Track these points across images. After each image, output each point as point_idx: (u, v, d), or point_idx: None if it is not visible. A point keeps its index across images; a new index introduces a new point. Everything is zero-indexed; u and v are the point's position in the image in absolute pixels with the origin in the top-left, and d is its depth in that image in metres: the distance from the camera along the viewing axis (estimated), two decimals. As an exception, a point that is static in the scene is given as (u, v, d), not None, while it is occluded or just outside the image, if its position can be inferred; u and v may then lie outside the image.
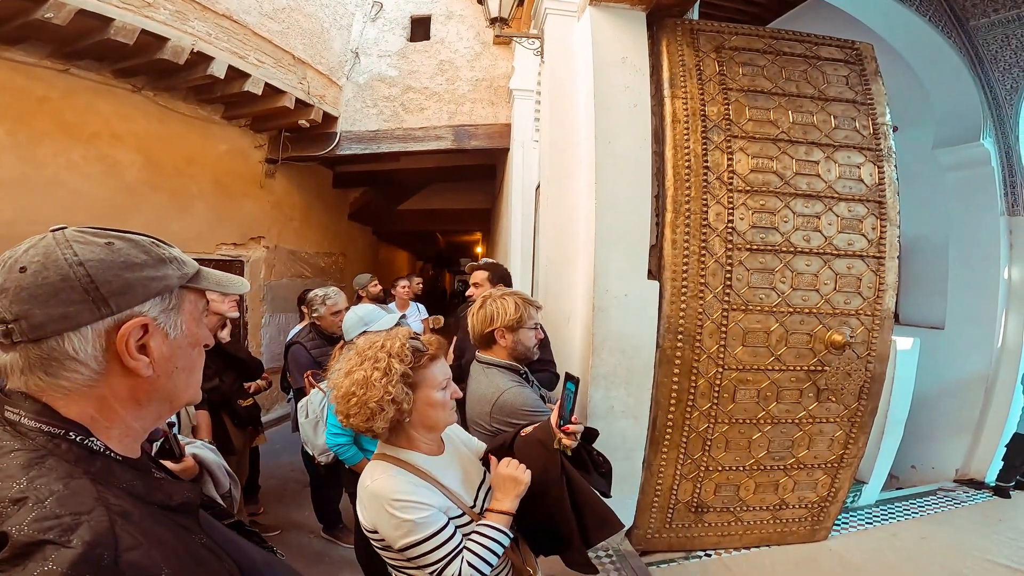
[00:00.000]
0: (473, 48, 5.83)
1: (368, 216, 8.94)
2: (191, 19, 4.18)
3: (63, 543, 0.47)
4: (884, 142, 2.85)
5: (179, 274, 0.65)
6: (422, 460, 1.23)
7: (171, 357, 0.64)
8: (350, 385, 1.17)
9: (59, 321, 0.56)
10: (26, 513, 0.48)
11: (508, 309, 1.76)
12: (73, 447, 0.56)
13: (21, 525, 0.47)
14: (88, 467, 0.56)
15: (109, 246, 0.60)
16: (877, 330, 2.76)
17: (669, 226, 2.61)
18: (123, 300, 0.59)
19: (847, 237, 2.74)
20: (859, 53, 2.95)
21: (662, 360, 2.63)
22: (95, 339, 0.58)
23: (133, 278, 0.60)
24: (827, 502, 2.98)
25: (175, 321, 0.64)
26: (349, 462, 2.25)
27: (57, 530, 0.48)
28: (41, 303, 0.55)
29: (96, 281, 0.57)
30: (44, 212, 4.02)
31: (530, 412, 1.68)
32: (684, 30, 2.80)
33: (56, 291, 0.55)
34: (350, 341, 2.38)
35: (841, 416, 2.82)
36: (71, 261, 0.56)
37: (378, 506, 1.12)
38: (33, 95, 3.99)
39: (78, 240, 0.59)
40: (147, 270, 0.61)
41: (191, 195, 5.12)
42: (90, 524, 0.49)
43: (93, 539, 0.48)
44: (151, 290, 0.62)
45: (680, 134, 2.69)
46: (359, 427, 1.17)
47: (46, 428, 0.56)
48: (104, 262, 0.58)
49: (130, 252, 0.61)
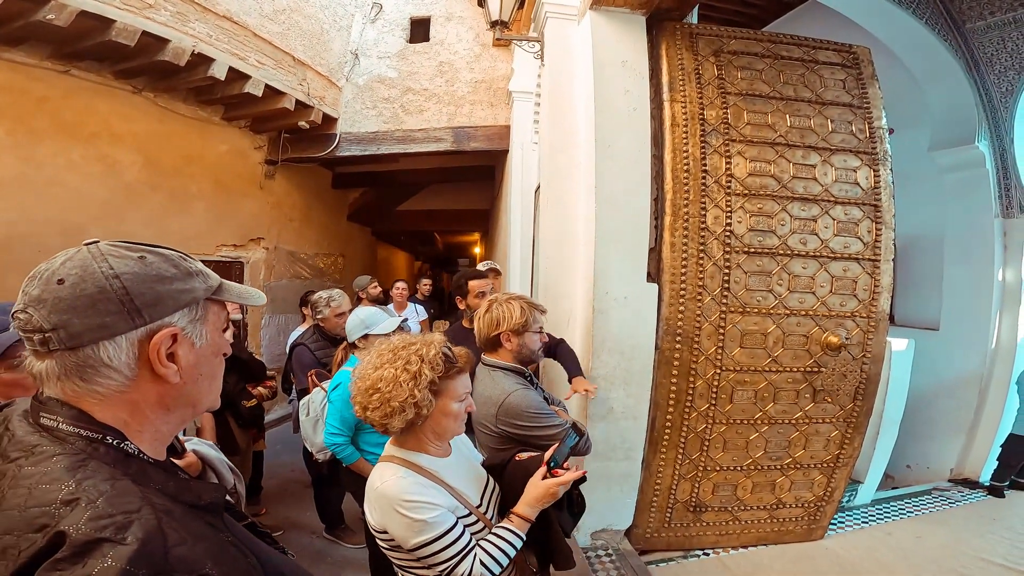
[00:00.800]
0: (473, 50, 5.84)
1: (367, 217, 8.94)
2: (192, 20, 4.19)
3: (119, 540, 0.49)
4: (880, 146, 2.88)
5: (204, 287, 0.69)
6: (430, 462, 1.25)
7: (196, 364, 0.68)
8: (377, 380, 1.19)
9: (96, 331, 0.59)
10: (80, 513, 0.51)
11: (514, 313, 1.78)
12: (111, 450, 0.59)
13: (77, 524, 0.50)
14: (126, 469, 0.58)
15: (142, 260, 0.63)
16: (872, 332, 2.79)
17: (668, 229, 2.64)
18: (155, 311, 0.62)
19: (843, 240, 2.77)
20: (856, 57, 2.97)
21: (661, 361, 2.66)
22: (129, 348, 0.61)
23: (164, 291, 0.63)
24: (823, 501, 3.01)
25: (201, 331, 0.68)
26: (346, 461, 2.25)
27: (112, 528, 0.50)
28: (79, 313, 0.58)
29: (131, 293, 0.60)
30: (43, 211, 4.03)
31: (535, 414, 1.71)
32: (683, 34, 2.82)
33: (94, 302, 0.58)
34: (352, 343, 2.40)
35: (837, 417, 2.85)
36: (107, 274, 0.60)
37: (388, 507, 1.14)
38: (33, 95, 4.00)
39: (113, 254, 0.62)
40: (177, 283, 0.65)
41: (191, 195, 5.13)
42: (140, 522, 0.52)
43: (145, 536, 0.51)
44: (180, 302, 0.65)
45: (679, 138, 2.71)
46: (374, 421, 1.19)
47: (84, 432, 0.59)
48: (138, 276, 0.61)
49: (161, 266, 0.64)
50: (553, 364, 2.66)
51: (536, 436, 1.74)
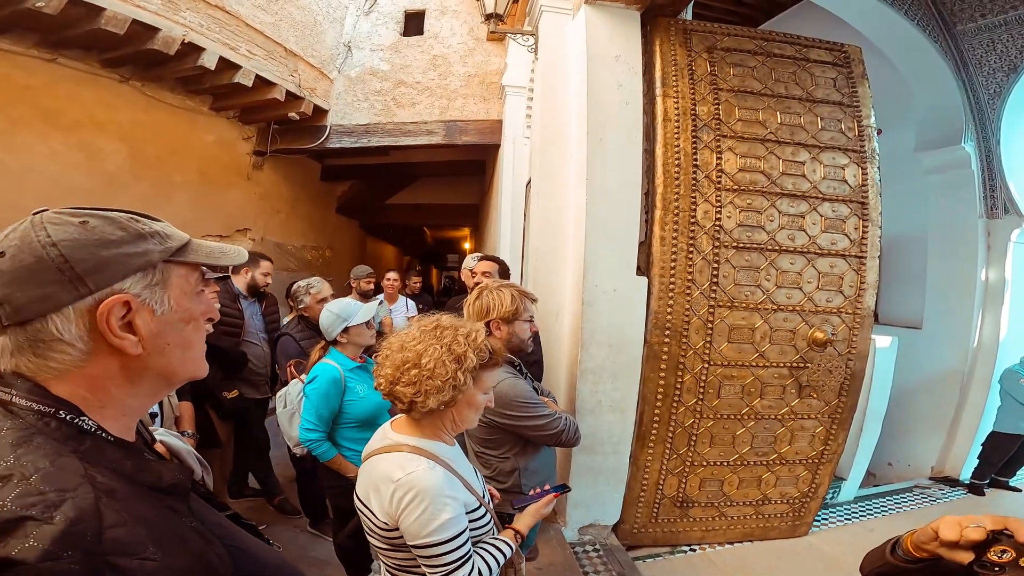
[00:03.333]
0: (466, 44, 5.82)
1: (356, 210, 8.87)
2: (183, 9, 4.13)
3: (45, 519, 0.47)
4: (868, 144, 2.91)
5: (161, 248, 0.63)
6: (445, 451, 1.21)
7: (160, 334, 0.63)
8: (419, 356, 1.14)
9: (39, 303, 0.55)
10: (10, 490, 0.48)
11: (504, 301, 1.76)
12: (63, 425, 0.56)
13: (4, 501, 0.47)
14: (77, 445, 0.55)
15: (83, 224, 0.58)
16: (858, 328, 2.82)
17: (658, 223, 2.64)
18: (101, 278, 0.58)
19: (830, 237, 2.80)
20: (847, 56, 2.99)
21: (649, 355, 2.67)
22: (77, 319, 0.57)
23: (109, 255, 0.59)
24: (808, 498, 3.04)
25: (161, 297, 0.63)
26: (322, 458, 2.16)
27: (40, 506, 0.47)
28: (20, 286, 0.55)
29: (70, 260, 0.56)
30: (21, 200, 3.95)
31: (523, 403, 1.70)
32: (677, 30, 2.83)
33: (32, 273, 0.55)
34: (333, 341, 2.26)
35: (822, 412, 2.88)
36: (44, 243, 0.56)
37: (411, 499, 1.08)
38: (15, 83, 3.93)
39: (53, 221, 0.58)
40: (124, 247, 0.60)
41: (175, 185, 5.06)
42: (74, 501, 0.49)
43: (77, 516, 0.48)
44: (130, 267, 0.60)
45: (671, 132, 2.72)
46: (404, 395, 1.15)
47: (36, 407, 0.56)
48: (78, 241, 0.57)
49: (105, 229, 0.59)
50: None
51: (525, 426, 1.72)
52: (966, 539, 0.68)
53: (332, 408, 2.14)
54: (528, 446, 1.79)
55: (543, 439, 1.77)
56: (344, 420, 2.20)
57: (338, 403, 2.15)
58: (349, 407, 2.17)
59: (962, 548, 0.69)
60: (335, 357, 2.22)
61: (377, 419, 2.25)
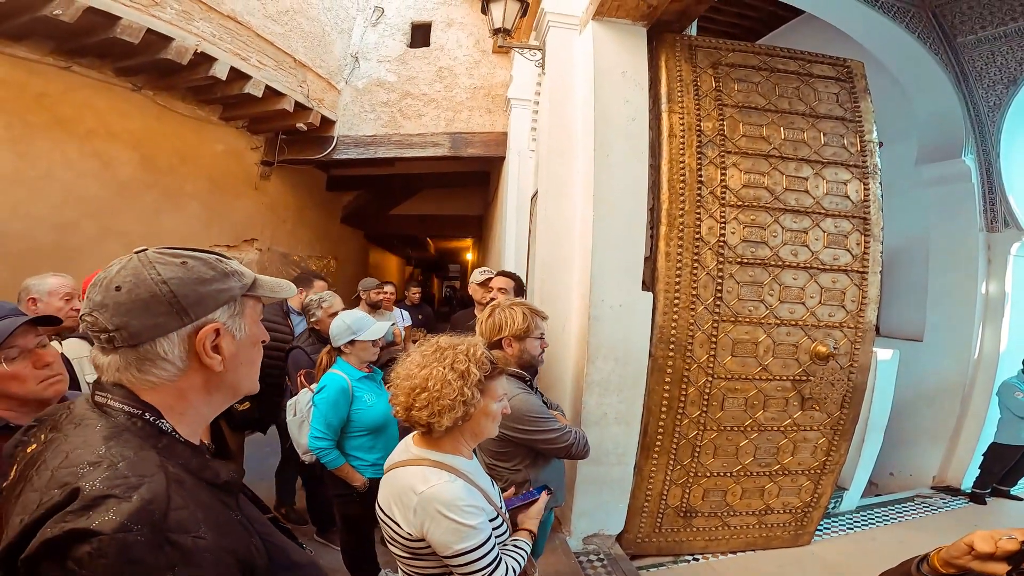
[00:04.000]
0: (472, 56, 5.88)
1: (360, 219, 8.93)
2: (196, 19, 4.20)
3: (124, 498, 0.56)
4: (870, 159, 2.95)
5: (240, 285, 0.77)
6: (464, 464, 1.25)
7: (237, 354, 0.76)
8: (425, 380, 1.19)
9: (152, 329, 0.68)
10: (100, 472, 0.58)
11: (516, 319, 1.82)
12: (147, 425, 0.68)
13: (93, 482, 0.57)
14: (156, 442, 0.67)
15: (184, 265, 0.71)
16: (859, 342, 2.86)
17: (663, 239, 2.69)
18: (200, 310, 0.71)
19: (833, 252, 2.84)
20: (850, 71, 3.03)
21: (654, 368, 2.71)
22: (179, 342, 0.70)
23: (206, 291, 0.72)
24: (810, 507, 3.07)
25: (240, 324, 0.76)
26: (330, 466, 2.21)
27: (122, 487, 0.57)
28: (136, 315, 0.67)
29: (178, 296, 0.69)
30: (37, 207, 4.01)
31: (535, 418, 1.75)
32: (683, 46, 2.87)
33: (147, 305, 0.68)
34: (337, 348, 2.33)
35: (824, 424, 2.92)
36: (156, 280, 0.68)
37: (435, 512, 1.12)
38: (32, 90, 3.98)
39: (159, 261, 0.70)
40: (216, 284, 0.73)
41: (185, 194, 5.11)
42: (150, 485, 0.59)
43: (151, 496, 0.58)
44: (220, 300, 0.74)
45: (676, 148, 2.76)
46: (419, 419, 1.19)
47: (127, 408, 0.68)
48: (182, 280, 0.70)
49: (201, 269, 0.72)
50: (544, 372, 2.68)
51: (536, 440, 1.77)
52: (1002, 550, 0.71)
53: (341, 417, 2.20)
54: (539, 458, 1.84)
55: (554, 452, 1.83)
56: (353, 429, 2.26)
57: (347, 412, 2.21)
58: (357, 415, 2.24)
59: (997, 560, 0.72)
60: (342, 367, 2.28)
61: (386, 427, 2.31)
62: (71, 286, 2.27)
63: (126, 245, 4.55)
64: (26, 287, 2.21)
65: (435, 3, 6.04)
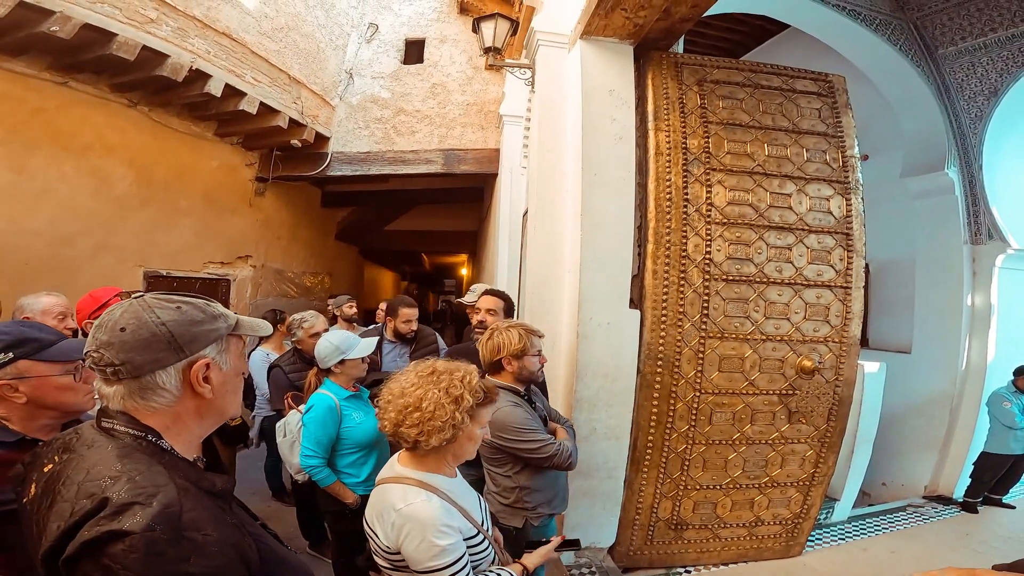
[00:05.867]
0: (465, 72, 5.95)
1: (355, 235, 8.96)
2: (192, 36, 4.25)
3: (147, 504, 0.69)
4: (852, 175, 2.99)
5: (226, 325, 0.90)
6: (446, 483, 1.31)
7: (224, 383, 0.89)
8: (419, 400, 1.27)
9: (153, 363, 0.81)
10: (123, 484, 0.71)
11: (512, 339, 1.96)
12: (150, 445, 0.80)
13: (120, 492, 0.70)
14: (161, 459, 0.79)
15: (179, 309, 0.85)
16: (844, 356, 2.90)
17: (650, 257, 2.73)
18: (193, 347, 0.84)
19: (816, 268, 2.89)
20: (831, 86, 3.08)
21: (643, 384, 2.74)
22: (176, 374, 0.83)
23: (198, 331, 0.85)
24: (800, 518, 3.09)
25: (226, 358, 0.89)
26: (322, 483, 2.26)
27: (144, 495, 0.70)
28: (139, 352, 0.80)
29: (175, 335, 0.82)
30: (33, 222, 4.03)
31: (516, 428, 1.88)
32: (669, 63, 2.92)
33: (149, 344, 0.80)
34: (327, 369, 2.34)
35: (812, 437, 2.95)
36: (156, 323, 0.81)
37: (411, 529, 1.19)
38: (29, 105, 4.02)
39: (157, 306, 0.84)
40: (206, 325, 0.87)
41: (180, 211, 5.15)
42: (165, 492, 0.72)
43: (168, 502, 0.71)
44: (210, 339, 0.87)
45: (662, 166, 2.80)
46: (407, 437, 1.26)
47: (132, 432, 0.80)
48: (179, 322, 0.83)
49: (193, 313, 0.86)
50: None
51: (518, 449, 1.90)
52: None
53: (330, 435, 2.25)
54: (528, 466, 1.96)
55: (536, 462, 1.93)
56: (343, 447, 2.30)
57: (335, 430, 2.26)
58: (347, 433, 2.28)
59: None
60: (329, 387, 2.32)
61: (377, 444, 2.35)
62: (64, 305, 2.31)
63: (121, 261, 4.63)
64: (20, 306, 2.25)
65: (429, 20, 6.13)
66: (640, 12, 2.57)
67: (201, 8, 4.28)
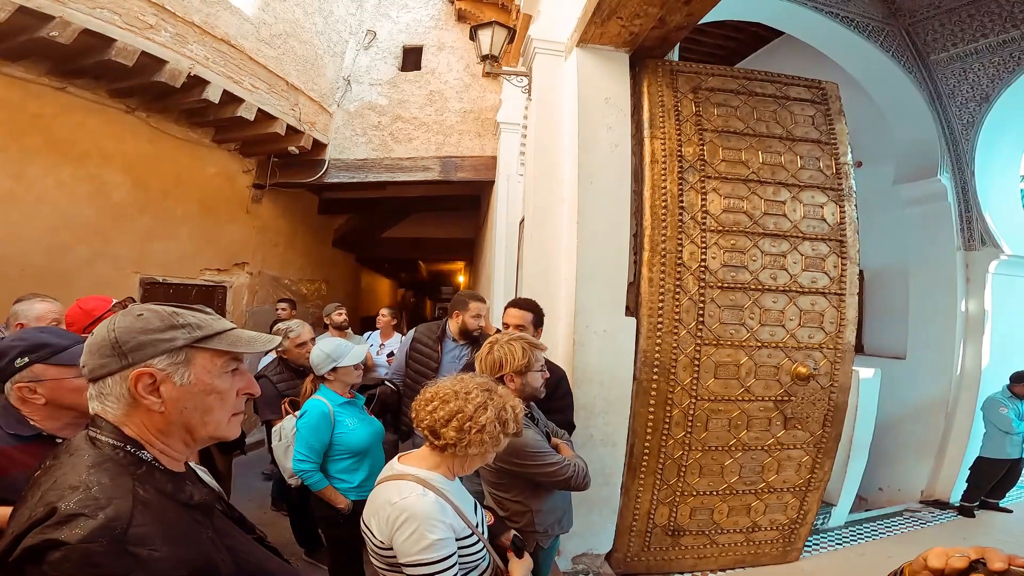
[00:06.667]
0: (463, 79, 5.97)
1: (352, 243, 8.94)
2: (191, 42, 4.26)
3: (91, 515, 0.68)
4: (845, 182, 3.02)
5: (187, 336, 0.84)
6: (443, 483, 1.32)
7: (179, 399, 0.82)
8: (472, 410, 1.30)
9: (100, 368, 0.80)
10: (76, 495, 0.70)
11: (516, 354, 1.81)
12: (128, 456, 0.78)
13: (68, 502, 0.69)
14: (135, 470, 0.77)
15: (139, 317, 0.82)
16: (839, 362, 2.92)
17: (646, 265, 2.75)
18: (138, 355, 0.80)
19: (811, 275, 2.91)
20: (825, 93, 3.11)
21: (639, 391, 2.75)
22: (120, 382, 0.80)
23: (146, 339, 0.81)
24: (797, 524, 3.10)
25: (183, 372, 0.83)
26: (314, 488, 2.27)
27: (91, 507, 0.68)
28: (93, 356, 0.80)
29: (119, 341, 0.80)
30: (31, 230, 4.01)
31: (533, 452, 1.76)
32: (664, 71, 2.94)
33: (100, 347, 0.80)
34: (321, 376, 2.37)
35: (807, 442, 2.96)
36: (110, 328, 0.81)
37: (404, 521, 1.21)
38: (28, 111, 3.99)
39: (124, 313, 0.83)
40: (157, 334, 0.82)
41: (177, 218, 5.13)
42: (116, 505, 0.70)
43: (114, 515, 0.69)
44: (159, 349, 0.81)
45: (658, 174, 2.82)
46: (430, 425, 1.30)
47: (112, 442, 0.79)
48: (127, 328, 0.81)
49: (150, 320, 0.82)
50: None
51: (535, 473, 1.78)
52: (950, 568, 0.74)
53: (323, 441, 2.27)
54: (539, 489, 1.85)
55: (553, 484, 1.83)
56: (336, 452, 2.31)
57: (328, 436, 2.27)
58: (340, 439, 2.30)
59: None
60: (324, 393, 2.35)
61: (369, 451, 2.37)
62: (58, 311, 2.31)
63: (118, 268, 4.62)
64: (14, 312, 2.25)
65: (427, 27, 6.16)
66: (635, 20, 2.60)
67: (200, 14, 4.29)
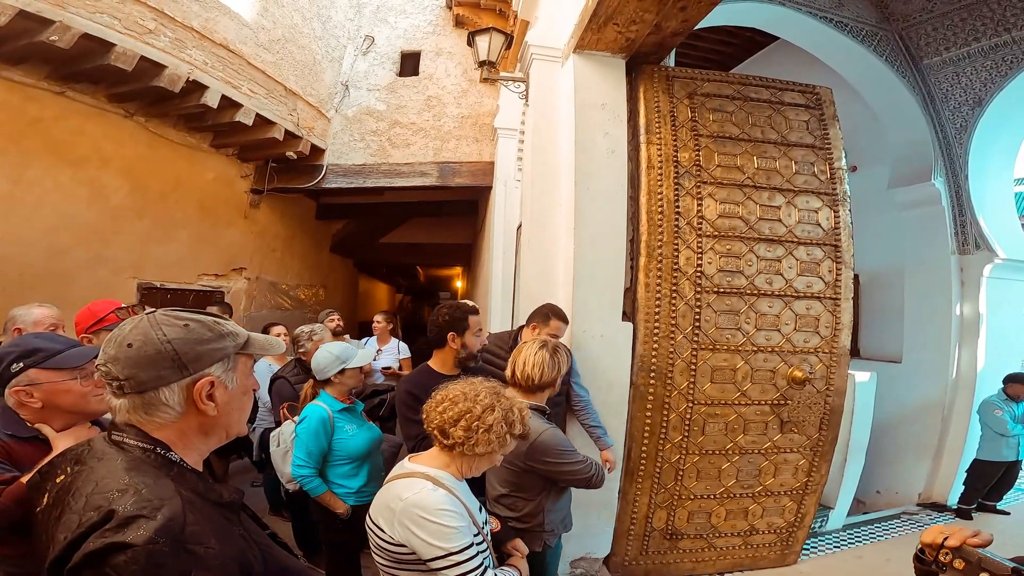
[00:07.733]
0: (460, 85, 5.99)
1: (350, 248, 8.94)
2: (189, 47, 4.27)
3: (151, 516, 0.71)
4: (839, 187, 3.03)
5: (234, 344, 0.90)
6: (452, 480, 1.35)
7: (229, 402, 0.89)
8: (481, 411, 1.34)
9: (156, 380, 0.82)
10: (129, 497, 0.72)
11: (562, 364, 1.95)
12: (159, 458, 0.82)
13: (126, 505, 0.71)
14: (168, 471, 0.81)
15: (186, 327, 0.85)
16: (835, 366, 2.94)
17: (643, 270, 2.77)
18: (197, 365, 0.85)
19: (806, 280, 2.92)
20: (819, 98, 3.13)
21: (636, 396, 2.77)
22: (179, 391, 0.84)
23: (203, 350, 0.86)
24: (794, 527, 3.11)
25: (232, 377, 0.90)
26: (312, 493, 2.27)
27: (149, 508, 0.71)
28: (144, 368, 0.81)
29: (179, 353, 0.83)
30: (28, 233, 4.02)
31: (562, 451, 1.83)
32: (660, 76, 2.96)
33: (153, 360, 0.82)
34: (322, 381, 2.36)
35: (804, 446, 2.98)
36: (162, 340, 0.82)
37: (417, 516, 1.23)
38: (27, 115, 4.01)
39: (165, 323, 0.85)
40: (212, 343, 0.87)
41: (175, 223, 5.13)
42: (169, 505, 0.73)
43: (171, 515, 0.72)
44: (215, 357, 0.87)
45: (654, 180, 2.84)
46: (440, 425, 1.34)
47: (141, 445, 0.82)
48: (184, 340, 0.84)
49: (200, 331, 0.86)
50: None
51: (561, 472, 1.83)
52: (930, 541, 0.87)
53: (322, 446, 2.27)
54: (554, 489, 1.91)
55: (575, 483, 1.90)
56: (335, 457, 2.32)
57: (327, 441, 2.28)
58: (339, 444, 2.30)
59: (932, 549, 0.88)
60: (324, 399, 2.35)
61: (368, 456, 2.37)
62: (55, 317, 2.32)
63: (116, 272, 4.62)
64: (12, 317, 2.26)
65: (425, 33, 6.19)
66: (632, 26, 2.62)
67: (199, 19, 4.31)
